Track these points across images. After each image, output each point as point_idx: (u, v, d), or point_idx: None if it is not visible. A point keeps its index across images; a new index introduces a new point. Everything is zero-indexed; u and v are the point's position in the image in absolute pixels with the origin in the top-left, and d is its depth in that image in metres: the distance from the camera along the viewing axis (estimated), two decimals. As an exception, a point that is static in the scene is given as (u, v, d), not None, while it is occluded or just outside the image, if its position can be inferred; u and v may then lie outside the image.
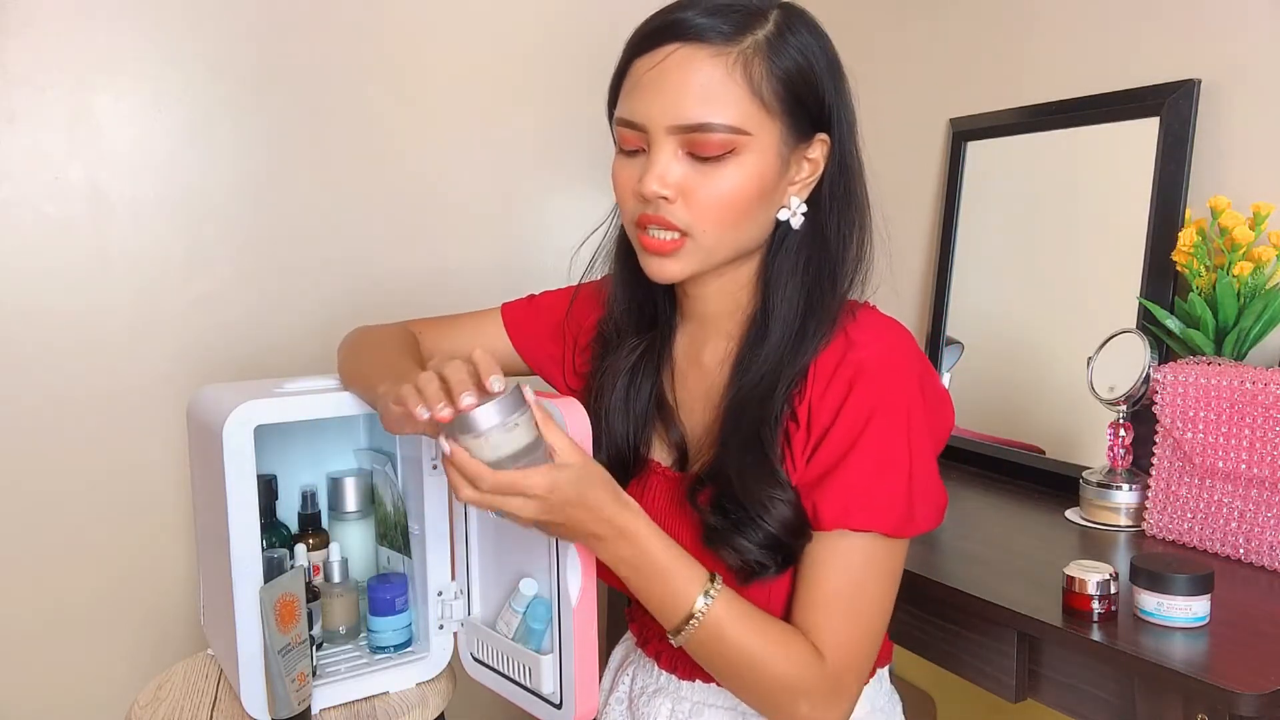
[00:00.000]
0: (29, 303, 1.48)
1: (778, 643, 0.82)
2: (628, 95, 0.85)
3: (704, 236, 0.84)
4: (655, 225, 0.84)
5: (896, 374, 0.84)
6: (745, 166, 0.82)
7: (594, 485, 0.80)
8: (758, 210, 0.85)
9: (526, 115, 1.80)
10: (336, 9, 1.64)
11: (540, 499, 0.77)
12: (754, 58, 0.82)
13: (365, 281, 1.70)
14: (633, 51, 0.85)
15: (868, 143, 0.91)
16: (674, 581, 0.82)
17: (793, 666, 0.82)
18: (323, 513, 1.17)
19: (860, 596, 0.83)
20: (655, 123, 0.82)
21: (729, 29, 0.81)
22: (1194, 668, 0.84)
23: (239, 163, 1.60)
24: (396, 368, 0.92)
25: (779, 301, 0.88)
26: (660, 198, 0.83)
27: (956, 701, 1.62)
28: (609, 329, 1.00)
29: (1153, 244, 1.31)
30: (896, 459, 0.82)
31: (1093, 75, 1.43)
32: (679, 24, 0.82)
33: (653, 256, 0.86)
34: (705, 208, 0.83)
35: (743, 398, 0.87)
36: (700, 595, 0.82)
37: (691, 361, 0.96)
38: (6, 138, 1.44)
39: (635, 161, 0.86)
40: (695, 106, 0.81)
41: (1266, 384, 1.07)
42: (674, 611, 0.82)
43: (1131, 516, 1.23)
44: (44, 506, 1.50)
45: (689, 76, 0.81)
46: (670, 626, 0.83)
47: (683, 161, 0.83)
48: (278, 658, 0.92)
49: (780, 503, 0.83)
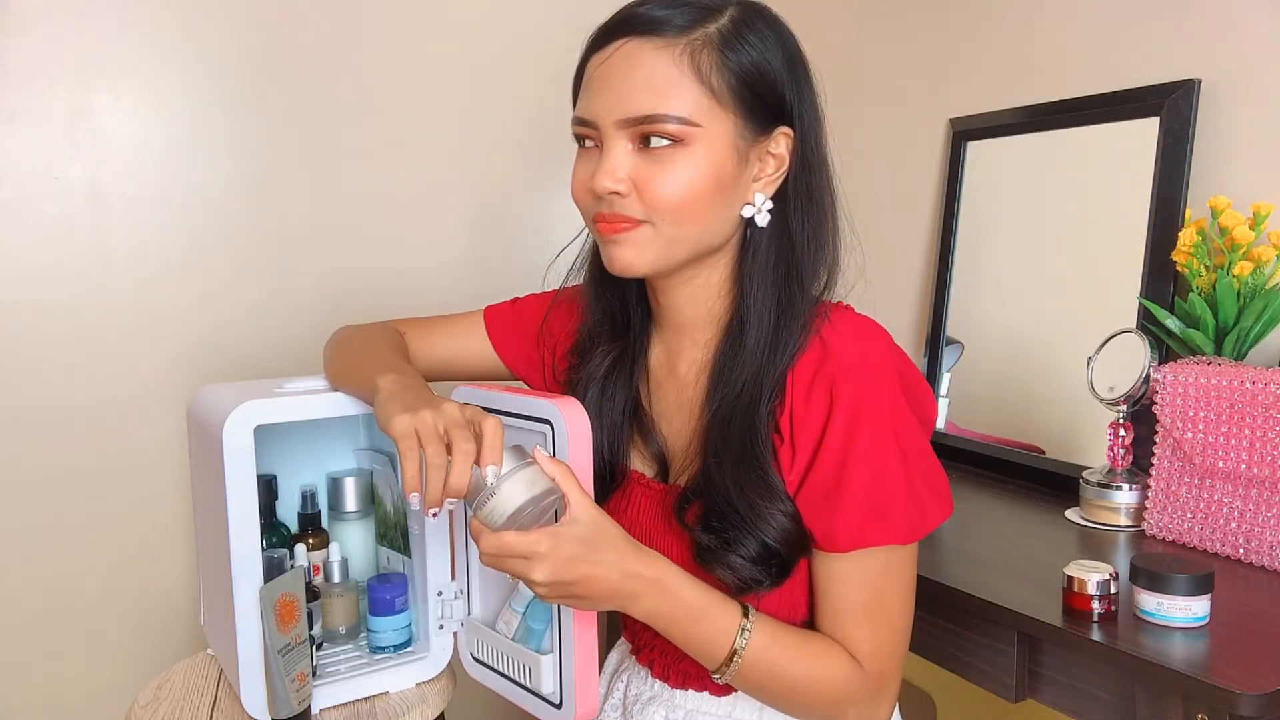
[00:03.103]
0: (29, 302, 1.47)
1: (819, 659, 0.82)
2: (582, 93, 0.85)
3: (664, 226, 0.83)
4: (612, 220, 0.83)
5: (876, 378, 0.82)
6: (697, 158, 0.81)
7: (607, 540, 0.78)
8: (717, 204, 0.84)
9: (528, 116, 1.80)
10: (337, 9, 1.64)
11: (543, 558, 0.75)
12: (702, 50, 0.81)
13: (365, 281, 1.70)
14: (587, 50, 0.86)
15: (868, 143, 0.92)
16: (711, 624, 0.81)
17: (837, 679, 0.82)
18: (323, 513, 1.17)
19: (886, 602, 0.84)
20: (604, 118, 0.82)
21: (681, 22, 0.81)
22: (1194, 668, 0.84)
23: (239, 163, 1.60)
24: (394, 365, 0.91)
25: (751, 305, 0.86)
26: (613, 193, 0.82)
27: (956, 701, 1.62)
28: (584, 337, 0.99)
29: (1153, 244, 1.31)
30: (894, 467, 0.82)
31: (1093, 75, 1.43)
32: (632, 19, 0.82)
33: (609, 243, 0.85)
34: (659, 199, 0.82)
35: (726, 409, 0.86)
36: (738, 633, 0.81)
37: (667, 371, 0.95)
38: (6, 138, 1.44)
39: (590, 159, 0.85)
40: (641, 98, 0.80)
41: (1266, 384, 1.07)
42: (714, 654, 0.82)
43: (1131, 516, 1.23)
44: (43, 506, 1.50)
45: (635, 69, 0.81)
46: (713, 667, 0.83)
47: (634, 156, 0.82)
48: (278, 658, 0.92)
49: (779, 514, 0.82)
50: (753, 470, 0.83)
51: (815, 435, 0.83)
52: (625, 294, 0.96)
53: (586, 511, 0.78)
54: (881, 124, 1.77)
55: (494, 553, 0.76)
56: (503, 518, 0.74)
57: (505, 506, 0.74)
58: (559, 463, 0.78)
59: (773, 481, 0.83)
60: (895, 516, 0.82)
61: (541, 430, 0.86)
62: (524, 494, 0.74)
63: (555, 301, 1.05)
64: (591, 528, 0.77)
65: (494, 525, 0.75)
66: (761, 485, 0.83)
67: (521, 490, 0.74)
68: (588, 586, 0.77)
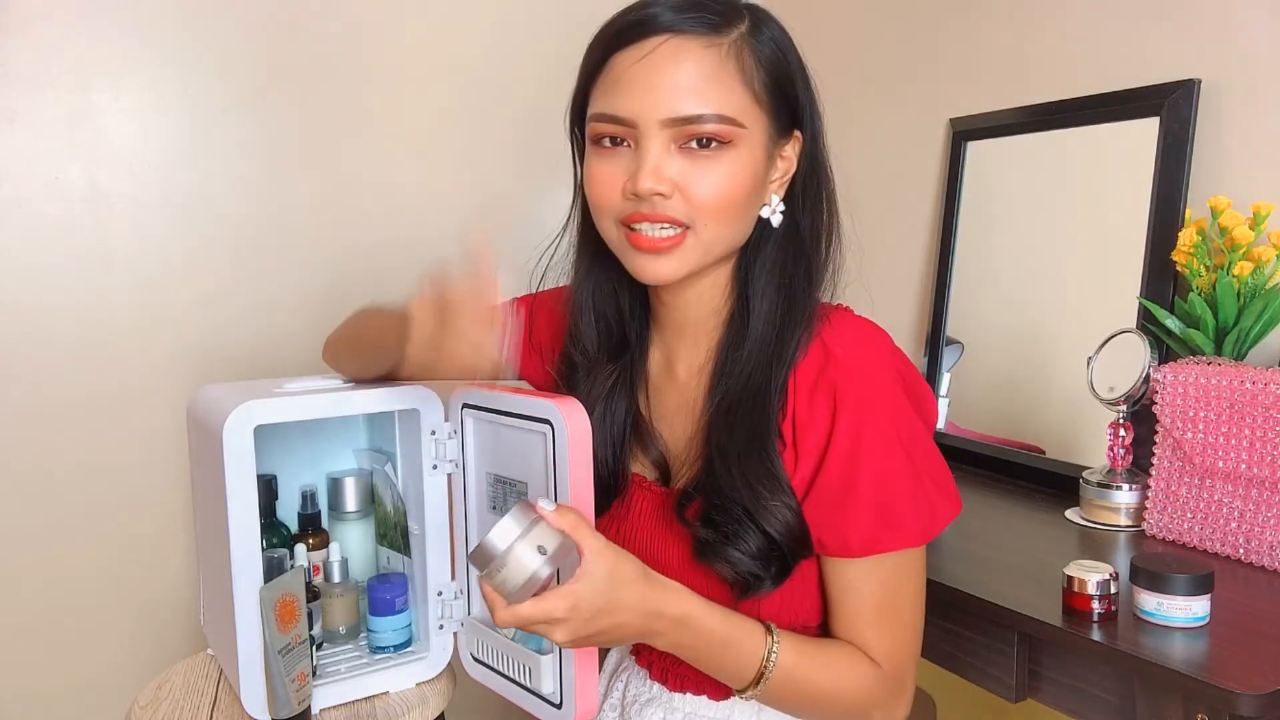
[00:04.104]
0: (29, 302, 1.47)
1: (841, 668, 0.83)
2: (609, 90, 0.82)
3: (705, 230, 0.81)
4: (650, 223, 0.81)
5: (879, 382, 0.82)
6: (740, 160, 0.81)
7: (625, 585, 0.76)
8: (750, 206, 0.84)
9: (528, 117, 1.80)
10: (337, 10, 1.64)
11: (564, 622, 0.74)
12: (744, 49, 0.80)
13: (366, 282, 1.70)
14: (611, 46, 0.82)
15: (868, 143, 0.92)
16: (738, 650, 0.81)
17: (860, 686, 0.82)
18: (323, 513, 1.17)
19: (900, 603, 0.84)
20: (646, 117, 0.79)
21: (714, 21, 0.80)
22: (1194, 668, 0.84)
23: (239, 163, 1.60)
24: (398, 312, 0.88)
25: (757, 301, 0.86)
26: (656, 194, 0.80)
27: (956, 701, 1.62)
28: (577, 353, 0.96)
29: (1153, 244, 1.31)
30: (903, 469, 0.82)
31: (1093, 75, 1.43)
32: (658, 17, 0.80)
33: (646, 255, 0.82)
34: (702, 202, 0.80)
35: (730, 404, 0.85)
36: (765, 655, 0.81)
37: (666, 375, 0.95)
38: (6, 138, 1.44)
39: (617, 158, 0.82)
40: (690, 98, 0.78)
41: (1266, 384, 1.07)
42: (741, 677, 0.82)
43: (1131, 516, 1.22)
44: (43, 506, 1.50)
45: (683, 67, 0.79)
46: (740, 687, 0.83)
47: (675, 156, 0.80)
48: (278, 658, 0.92)
49: (782, 506, 0.82)
50: (758, 460, 0.82)
51: (820, 441, 0.83)
52: (621, 303, 0.95)
53: (601, 563, 0.76)
54: (881, 124, 1.77)
55: (516, 624, 0.75)
56: (517, 587, 0.73)
57: (517, 577, 0.73)
58: (566, 510, 0.76)
59: (778, 472, 0.83)
60: (907, 519, 0.82)
61: (542, 430, 0.86)
62: (534, 560, 0.73)
63: (533, 308, 1.03)
64: (608, 580, 0.76)
65: (509, 592, 0.74)
66: (767, 475, 0.82)
67: (531, 557, 0.73)
68: (611, 635, 0.77)
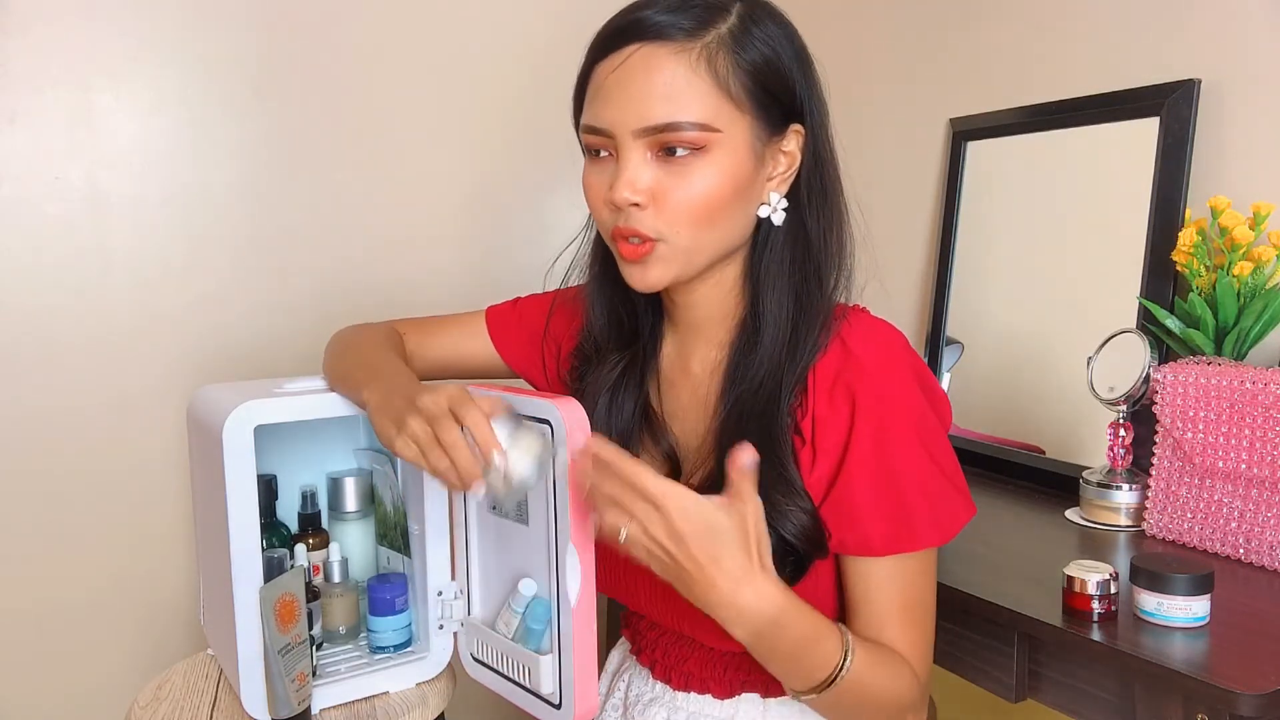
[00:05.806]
0: (29, 302, 1.47)
1: (893, 671, 0.81)
2: (591, 101, 0.83)
3: (678, 238, 0.81)
4: (629, 235, 0.82)
5: (898, 382, 0.82)
6: (718, 164, 0.80)
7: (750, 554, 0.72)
8: (734, 209, 0.83)
9: (527, 117, 1.80)
10: (337, 10, 1.64)
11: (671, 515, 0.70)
12: (718, 52, 0.79)
13: (365, 282, 1.70)
14: (594, 55, 0.83)
15: (869, 143, 0.91)
16: (818, 652, 0.77)
17: (906, 687, 0.81)
18: (323, 513, 1.17)
19: (921, 602, 0.85)
20: (621, 127, 0.80)
21: (690, 24, 0.79)
22: (1194, 668, 0.84)
23: (239, 163, 1.60)
24: (380, 370, 0.91)
25: (768, 303, 0.86)
26: (632, 205, 0.80)
27: (956, 701, 1.62)
28: (588, 345, 0.97)
29: (1153, 244, 1.31)
30: (923, 469, 0.82)
31: (1093, 75, 1.43)
32: (638, 23, 0.80)
33: (631, 265, 0.84)
34: (678, 210, 0.80)
35: (743, 406, 0.85)
36: (843, 658, 0.77)
37: (680, 370, 0.94)
38: (6, 138, 1.44)
39: (605, 169, 0.83)
40: (660, 106, 0.78)
41: (1266, 384, 1.07)
42: (811, 678, 0.77)
43: (1131, 516, 1.23)
44: (43, 506, 1.50)
45: (652, 76, 0.78)
46: (805, 689, 0.78)
47: (653, 165, 0.80)
48: (278, 658, 0.92)
49: (798, 510, 0.82)
50: (771, 467, 0.82)
51: (839, 440, 0.82)
52: (633, 298, 0.95)
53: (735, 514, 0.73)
54: (881, 124, 1.77)
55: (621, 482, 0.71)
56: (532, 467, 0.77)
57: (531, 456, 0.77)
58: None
59: (792, 478, 0.82)
60: (928, 519, 0.82)
61: (541, 430, 0.86)
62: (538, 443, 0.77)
63: (555, 304, 1.05)
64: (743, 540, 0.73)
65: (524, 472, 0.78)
66: (781, 482, 0.82)
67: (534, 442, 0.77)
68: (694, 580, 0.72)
